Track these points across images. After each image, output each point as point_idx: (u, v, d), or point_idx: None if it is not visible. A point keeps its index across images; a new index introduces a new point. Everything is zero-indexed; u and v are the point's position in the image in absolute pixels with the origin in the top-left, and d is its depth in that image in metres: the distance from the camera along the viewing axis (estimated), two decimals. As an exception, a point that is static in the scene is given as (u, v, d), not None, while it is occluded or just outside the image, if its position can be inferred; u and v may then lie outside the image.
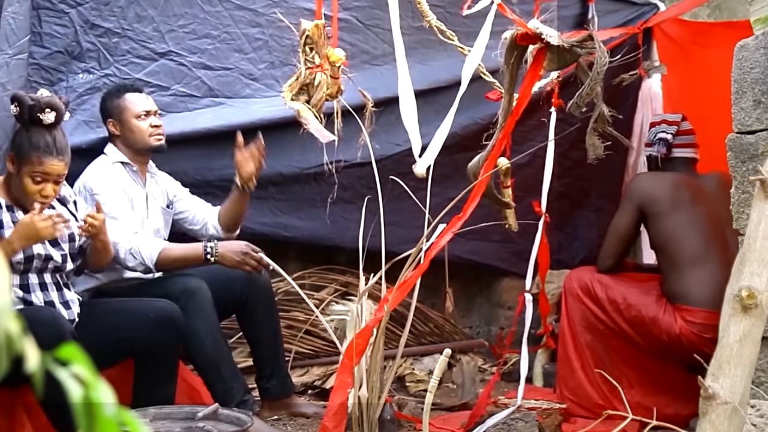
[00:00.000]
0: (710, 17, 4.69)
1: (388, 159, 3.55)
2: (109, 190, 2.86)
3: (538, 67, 2.40)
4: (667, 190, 3.13)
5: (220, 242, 2.87)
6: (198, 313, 2.74)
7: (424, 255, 2.35)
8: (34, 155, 2.42)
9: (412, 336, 3.70)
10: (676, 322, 2.97)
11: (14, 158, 2.47)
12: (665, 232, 3.10)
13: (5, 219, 2.46)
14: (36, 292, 2.48)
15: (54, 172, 2.45)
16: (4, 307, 0.55)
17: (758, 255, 1.92)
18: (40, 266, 2.49)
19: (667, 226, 3.09)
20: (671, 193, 3.12)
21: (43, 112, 2.44)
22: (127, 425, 0.56)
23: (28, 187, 2.44)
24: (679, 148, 3.32)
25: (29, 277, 2.48)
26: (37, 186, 2.44)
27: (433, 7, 2.87)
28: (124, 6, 3.23)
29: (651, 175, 3.35)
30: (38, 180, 2.44)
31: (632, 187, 3.27)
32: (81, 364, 0.52)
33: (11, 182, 2.50)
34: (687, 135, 3.35)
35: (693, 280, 2.99)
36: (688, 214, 3.08)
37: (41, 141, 2.43)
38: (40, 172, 2.43)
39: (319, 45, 2.57)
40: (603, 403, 3.06)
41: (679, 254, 3.05)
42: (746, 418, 1.88)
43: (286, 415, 3.05)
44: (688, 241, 3.04)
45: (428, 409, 2.29)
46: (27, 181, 2.44)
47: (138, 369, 2.61)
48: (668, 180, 3.18)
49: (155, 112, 3.00)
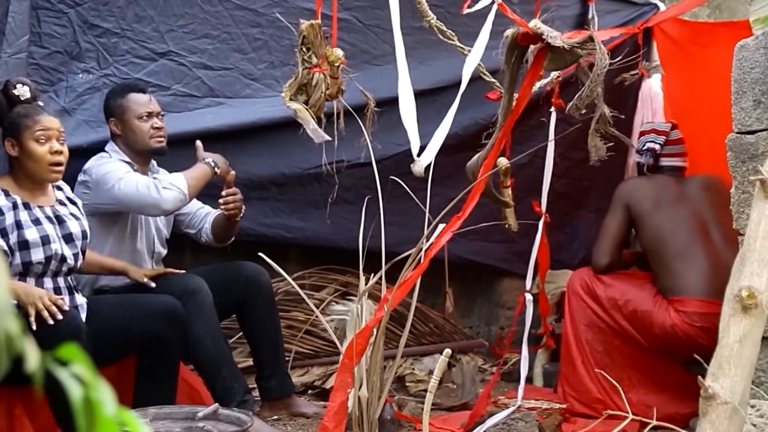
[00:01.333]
0: (710, 17, 4.69)
1: (389, 159, 3.55)
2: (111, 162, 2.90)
3: (539, 67, 2.40)
4: (650, 190, 3.29)
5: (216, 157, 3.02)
6: (199, 313, 2.74)
7: (424, 255, 2.35)
8: (28, 120, 2.46)
9: (412, 336, 3.70)
10: (669, 314, 3.04)
11: (11, 139, 2.47)
12: (651, 231, 3.22)
13: (23, 218, 2.45)
14: None
15: (53, 126, 2.49)
16: (3, 307, 0.55)
17: (758, 255, 1.92)
18: (55, 268, 2.49)
19: (652, 224, 3.21)
20: (654, 192, 3.27)
21: (15, 88, 2.49)
22: (127, 425, 0.56)
23: (36, 152, 2.45)
24: (666, 157, 3.45)
25: (44, 281, 2.47)
26: (44, 146, 2.45)
27: (434, 7, 2.87)
28: (123, 6, 3.23)
29: (637, 179, 3.53)
30: (42, 140, 2.45)
31: (619, 189, 3.43)
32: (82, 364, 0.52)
33: (21, 167, 2.49)
34: (675, 145, 3.47)
35: (681, 274, 3.09)
36: (671, 212, 3.21)
37: (28, 109, 2.49)
38: (41, 129, 2.45)
39: (315, 45, 2.57)
40: (603, 398, 3.10)
41: (665, 250, 3.15)
42: (746, 418, 1.88)
43: (286, 415, 3.05)
44: (673, 237, 3.16)
45: (428, 409, 2.29)
46: (33, 146, 2.45)
47: (138, 369, 2.61)
48: (652, 181, 3.35)
49: (158, 114, 3.00)
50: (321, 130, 2.60)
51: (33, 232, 2.42)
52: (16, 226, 2.42)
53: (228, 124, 3.37)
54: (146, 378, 2.59)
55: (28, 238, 2.41)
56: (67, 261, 2.51)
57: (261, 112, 3.41)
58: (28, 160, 2.47)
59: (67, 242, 2.52)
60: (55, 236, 2.47)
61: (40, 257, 2.42)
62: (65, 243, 2.52)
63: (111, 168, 2.85)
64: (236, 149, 3.44)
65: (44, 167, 2.47)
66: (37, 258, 2.41)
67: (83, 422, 0.52)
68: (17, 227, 2.42)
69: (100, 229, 2.90)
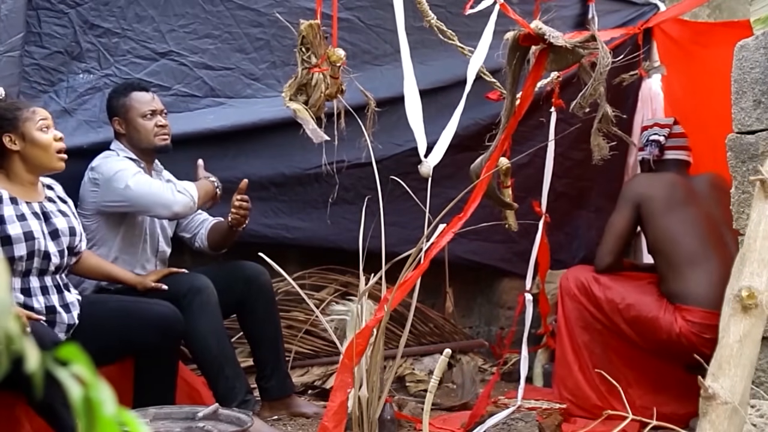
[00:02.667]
0: (710, 17, 4.69)
1: (390, 159, 3.55)
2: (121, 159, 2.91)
3: (541, 68, 2.40)
4: (661, 188, 3.16)
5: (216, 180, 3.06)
6: (203, 312, 2.75)
7: (425, 255, 2.35)
8: (25, 112, 2.49)
9: (412, 336, 3.70)
10: (677, 321, 2.97)
11: (10, 134, 2.47)
12: (661, 231, 3.11)
13: (7, 213, 2.42)
14: (38, 296, 2.46)
15: (48, 115, 2.54)
16: (4, 307, 0.55)
17: (758, 255, 1.92)
18: (41, 267, 2.47)
19: (663, 225, 3.10)
20: (666, 191, 3.14)
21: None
22: (127, 425, 0.56)
23: (43, 140, 2.48)
24: (671, 150, 3.35)
25: (30, 280, 2.46)
26: (47, 134, 2.49)
27: (434, 7, 2.87)
28: (123, 6, 3.22)
29: (646, 175, 3.39)
30: (45, 128, 2.49)
31: (628, 186, 3.32)
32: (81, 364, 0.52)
33: (23, 160, 2.50)
34: (679, 138, 3.38)
35: (691, 280, 2.99)
36: (683, 214, 3.09)
37: (16, 103, 2.54)
38: (42, 118, 2.50)
39: (315, 45, 2.57)
40: (601, 404, 3.06)
41: (676, 254, 3.05)
42: (746, 418, 1.88)
43: (286, 415, 3.05)
44: (685, 240, 3.05)
45: (428, 409, 2.29)
46: (39, 135, 2.48)
47: (138, 369, 2.61)
48: (663, 179, 3.22)
49: (161, 112, 3.00)
50: (320, 130, 2.60)
51: (16, 227, 2.41)
52: (0, 221, 2.41)
53: (229, 124, 3.37)
54: (146, 379, 2.59)
55: (10, 233, 2.40)
56: (51, 258, 2.49)
57: (262, 113, 3.41)
58: (35, 150, 2.48)
59: (53, 239, 2.51)
60: (39, 232, 2.46)
61: (23, 253, 2.40)
62: (51, 239, 2.50)
63: (122, 166, 2.86)
64: (237, 149, 3.45)
65: (52, 155, 2.50)
66: (19, 253, 2.40)
67: (83, 422, 0.52)
68: (0, 222, 2.41)
69: (107, 229, 2.90)
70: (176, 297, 2.71)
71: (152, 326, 2.57)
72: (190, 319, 2.70)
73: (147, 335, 2.55)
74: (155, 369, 2.59)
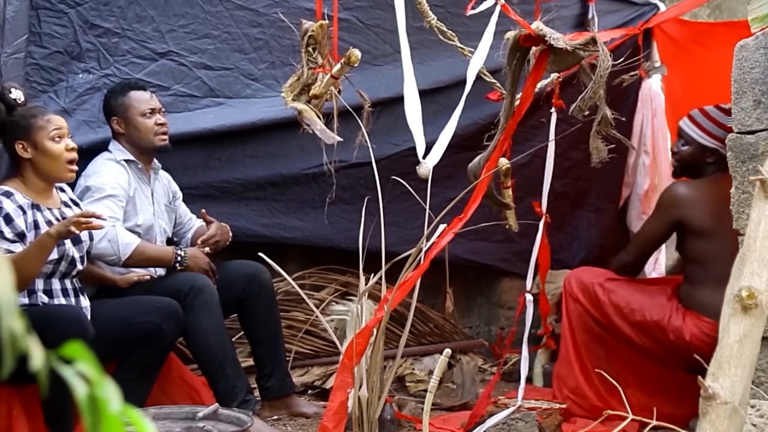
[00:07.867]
0: (710, 17, 4.69)
1: (388, 159, 3.55)
2: (106, 176, 2.85)
3: (541, 69, 2.40)
4: (709, 206, 2.92)
5: (188, 250, 2.90)
6: (204, 311, 2.75)
7: (425, 255, 2.35)
8: (39, 120, 2.48)
9: (412, 336, 3.70)
10: (688, 327, 2.95)
11: (23, 141, 2.48)
12: (701, 252, 2.98)
13: (39, 218, 2.46)
14: (59, 298, 2.50)
15: (63, 124, 2.53)
16: (8, 305, 0.55)
17: (758, 255, 1.92)
18: (65, 270, 2.50)
19: (706, 247, 2.96)
20: (713, 209, 2.90)
21: (11, 93, 2.51)
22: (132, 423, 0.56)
23: (54, 150, 2.48)
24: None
25: (53, 282, 2.49)
26: (60, 144, 2.49)
27: (434, 8, 2.87)
28: (123, 6, 3.23)
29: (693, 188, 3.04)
30: (58, 138, 2.49)
31: (671, 197, 3.06)
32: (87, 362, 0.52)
33: (35, 168, 2.50)
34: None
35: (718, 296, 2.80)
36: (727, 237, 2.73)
37: (33, 110, 2.52)
38: (55, 128, 2.49)
39: (322, 45, 2.57)
40: (601, 405, 3.06)
41: (711, 272, 2.90)
42: (746, 418, 1.88)
43: (286, 415, 3.05)
44: (723, 262, 2.71)
45: (428, 409, 2.29)
46: (50, 145, 2.47)
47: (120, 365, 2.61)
48: (709, 194, 2.95)
49: (160, 110, 3.00)
50: (329, 130, 2.60)
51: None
52: (34, 226, 2.44)
53: (228, 124, 3.37)
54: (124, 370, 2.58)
55: None
56: (75, 262, 2.53)
57: (261, 113, 3.41)
58: (45, 159, 2.48)
59: (75, 244, 2.54)
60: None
61: (54, 256, 2.43)
62: (74, 245, 2.53)
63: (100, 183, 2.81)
64: (236, 149, 3.45)
65: (62, 165, 2.50)
66: (51, 257, 2.42)
67: (89, 420, 0.52)
68: (35, 227, 2.44)
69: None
70: (177, 296, 2.71)
71: (156, 312, 2.59)
72: (190, 318, 2.70)
73: (150, 319, 2.57)
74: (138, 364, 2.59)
